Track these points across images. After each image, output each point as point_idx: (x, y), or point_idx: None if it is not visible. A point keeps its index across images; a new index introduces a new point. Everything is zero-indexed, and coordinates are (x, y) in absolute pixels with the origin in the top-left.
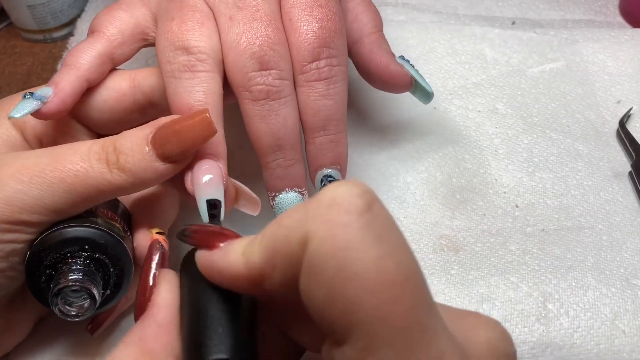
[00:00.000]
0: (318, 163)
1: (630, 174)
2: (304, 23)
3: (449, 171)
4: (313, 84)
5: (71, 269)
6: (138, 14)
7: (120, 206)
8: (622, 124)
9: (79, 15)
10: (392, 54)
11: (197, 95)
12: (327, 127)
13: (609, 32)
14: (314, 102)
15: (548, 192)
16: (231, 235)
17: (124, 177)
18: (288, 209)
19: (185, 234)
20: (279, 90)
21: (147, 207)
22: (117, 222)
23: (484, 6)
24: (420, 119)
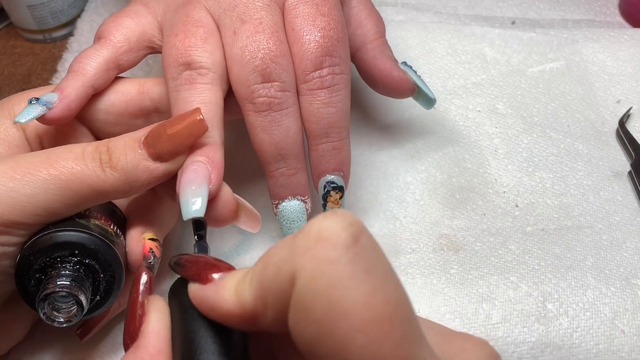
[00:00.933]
0: (321, 169)
1: (629, 174)
2: (306, 32)
3: (449, 171)
4: (316, 92)
5: (60, 274)
6: (144, 22)
7: (115, 211)
8: (622, 123)
9: (79, 15)
10: (395, 60)
11: (193, 105)
12: (329, 134)
13: (608, 32)
14: (316, 109)
15: (548, 191)
16: (223, 268)
17: (116, 175)
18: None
19: (178, 263)
20: (280, 102)
21: (143, 210)
22: (110, 227)
23: (484, 6)
24: (420, 119)
